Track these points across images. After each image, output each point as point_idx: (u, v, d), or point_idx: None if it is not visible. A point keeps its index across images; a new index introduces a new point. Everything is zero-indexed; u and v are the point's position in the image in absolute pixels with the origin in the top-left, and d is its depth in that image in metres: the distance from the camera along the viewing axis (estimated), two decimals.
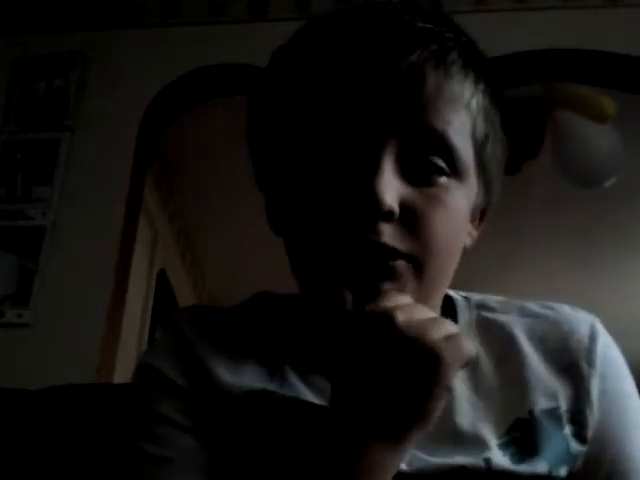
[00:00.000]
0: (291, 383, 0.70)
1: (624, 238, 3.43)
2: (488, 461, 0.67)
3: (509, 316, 0.76)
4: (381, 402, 0.59)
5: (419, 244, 0.66)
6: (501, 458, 0.68)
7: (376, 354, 0.59)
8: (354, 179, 0.66)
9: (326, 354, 0.66)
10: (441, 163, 0.68)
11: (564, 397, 0.71)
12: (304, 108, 0.70)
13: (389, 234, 0.65)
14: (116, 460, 0.73)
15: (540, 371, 0.72)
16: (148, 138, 2.29)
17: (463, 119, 0.69)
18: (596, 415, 0.71)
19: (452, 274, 0.72)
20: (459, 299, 0.78)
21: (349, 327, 0.61)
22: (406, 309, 0.60)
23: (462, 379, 0.71)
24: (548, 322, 0.76)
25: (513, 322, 0.75)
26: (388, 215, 0.65)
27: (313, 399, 0.69)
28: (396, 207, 0.65)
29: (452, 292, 0.78)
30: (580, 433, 0.71)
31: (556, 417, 0.70)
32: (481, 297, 0.79)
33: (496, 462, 0.67)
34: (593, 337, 0.74)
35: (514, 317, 0.76)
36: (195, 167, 3.11)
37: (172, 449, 0.68)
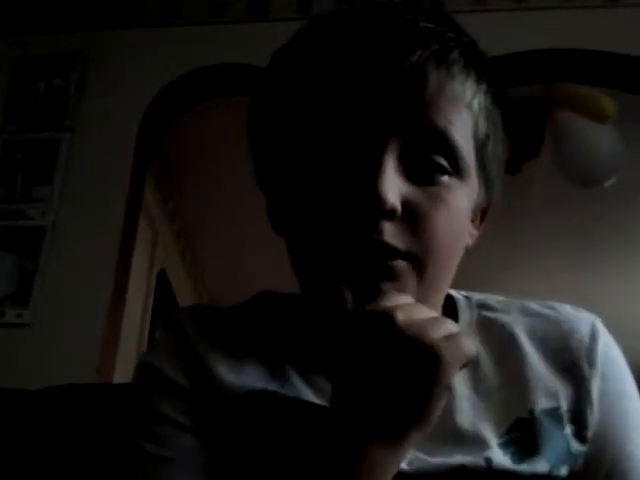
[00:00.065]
0: (292, 383, 0.70)
1: (624, 238, 3.43)
2: (489, 460, 0.67)
3: (510, 316, 0.76)
4: (381, 402, 0.59)
5: (420, 243, 0.66)
6: (502, 457, 0.68)
7: (376, 354, 0.59)
8: (356, 178, 0.66)
9: (327, 354, 0.66)
10: (443, 162, 0.68)
11: (565, 397, 0.71)
12: (306, 108, 0.70)
13: (391, 233, 0.65)
14: (116, 460, 0.73)
15: (541, 371, 0.72)
16: (148, 138, 2.29)
17: (465, 118, 0.69)
18: (596, 415, 0.71)
19: (453, 274, 0.72)
20: (460, 299, 0.78)
21: (349, 326, 0.61)
22: (406, 309, 0.60)
23: (462, 378, 0.71)
24: (549, 322, 0.76)
25: (514, 322, 0.75)
26: (390, 214, 0.65)
27: (314, 399, 0.69)
28: (398, 206, 0.65)
29: (453, 292, 0.78)
30: (580, 433, 0.71)
31: (557, 417, 0.70)
32: (482, 297, 0.79)
33: (497, 461, 0.67)
34: (594, 337, 0.74)
35: (515, 317, 0.76)
36: (195, 167, 3.10)
37: (172, 449, 0.68)
